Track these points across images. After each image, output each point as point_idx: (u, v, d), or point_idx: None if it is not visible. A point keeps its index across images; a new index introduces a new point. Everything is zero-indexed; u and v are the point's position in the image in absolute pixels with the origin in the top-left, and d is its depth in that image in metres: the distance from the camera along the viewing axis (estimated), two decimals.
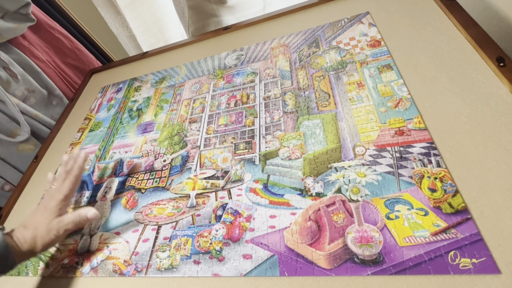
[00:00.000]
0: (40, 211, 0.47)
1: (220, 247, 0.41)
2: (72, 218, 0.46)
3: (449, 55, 0.47)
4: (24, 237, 0.43)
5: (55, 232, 0.44)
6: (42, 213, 0.46)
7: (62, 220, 0.45)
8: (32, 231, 0.44)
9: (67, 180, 0.50)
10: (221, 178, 0.49)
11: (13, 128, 0.75)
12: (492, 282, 0.29)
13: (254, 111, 0.56)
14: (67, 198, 0.48)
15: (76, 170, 0.51)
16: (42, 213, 0.46)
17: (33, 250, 0.43)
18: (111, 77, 0.87)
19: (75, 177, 0.51)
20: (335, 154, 0.45)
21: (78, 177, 0.51)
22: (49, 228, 0.44)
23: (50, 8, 0.91)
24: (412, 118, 0.43)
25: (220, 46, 0.74)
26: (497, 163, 0.36)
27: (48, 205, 0.47)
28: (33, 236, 0.43)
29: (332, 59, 0.57)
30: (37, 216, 0.46)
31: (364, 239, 0.36)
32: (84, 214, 0.46)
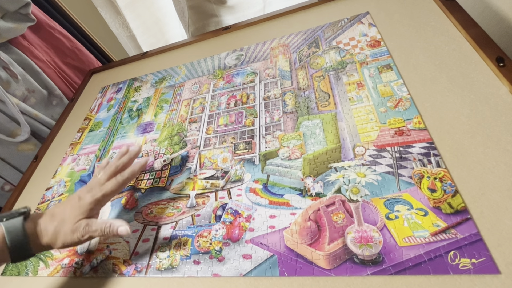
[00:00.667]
0: (72, 203, 0.42)
1: (220, 247, 0.41)
2: (101, 227, 0.41)
3: (449, 55, 0.47)
4: (46, 229, 0.40)
5: (79, 235, 0.40)
6: (73, 206, 0.41)
7: (90, 225, 0.41)
8: (57, 225, 0.40)
9: (115, 180, 0.44)
10: (221, 178, 0.49)
11: (13, 128, 0.75)
12: (491, 282, 0.29)
13: (254, 111, 0.56)
14: (105, 197, 0.43)
15: (127, 175, 0.45)
16: (73, 206, 0.42)
17: (51, 245, 0.40)
18: (111, 77, 0.87)
19: (123, 181, 0.45)
20: (335, 154, 0.45)
21: (126, 182, 0.45)
22: (75, 228, 0.40)
23: (50, 8, 0.91)
24: (412, 118, 0.43)
25: (220, 46, 0.74)
26: (497, 163, 0.36)
27: (84, 199, 0.42)
28: (56, 231, 0.40)
29: (332, 59, 0.57)
30: (67, 208, 0.42)
31: (363, 239, 0.36)
32: (115, 228, 0.40)
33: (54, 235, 0.40)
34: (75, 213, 0.41)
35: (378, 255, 0.34)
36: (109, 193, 0.43)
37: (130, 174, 0.46)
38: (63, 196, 0.60)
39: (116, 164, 0.47)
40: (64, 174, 0.65)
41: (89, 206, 0.41)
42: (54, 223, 0.40)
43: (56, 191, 0.62)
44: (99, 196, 0.42)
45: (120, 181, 0.44)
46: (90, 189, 0.43)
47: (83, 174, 0.62)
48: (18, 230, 0.38)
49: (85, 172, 0.62)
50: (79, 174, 0.63)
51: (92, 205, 0.42)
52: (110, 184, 0.44)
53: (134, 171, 0.46)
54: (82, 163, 0.65)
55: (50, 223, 0.40)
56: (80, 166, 0.64)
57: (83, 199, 0.42)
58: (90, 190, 0.43)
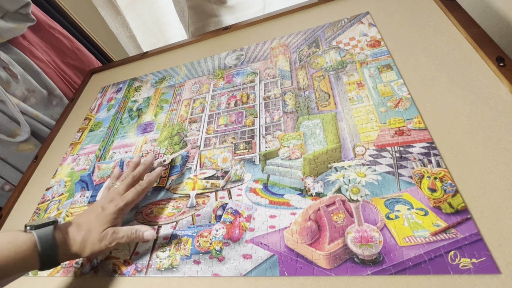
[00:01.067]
0: (96, 213, 0.43)
1: (220, 247, 0.41)
2: (127, 233, 0.43)
3: (449, 55, 0.47)
4: (74, 238, 0.41)
5: (107, 243, 0.41)
6: (97, 216, 0.43)
7: (117, 232, 0.42)
8: (84, 234, 0.41)
9: (134, 190, 0.46)
10: (221, 178, 0.49)
11: (13, 128, 0.75)
12: (492, 282, 0.29)
13: (254, 111, 0.56)
14: (127, 207, 0.45)
15: (145, 184, 0.47)
16: (98, 216, 0.43)
17: (79, 254, 0.41)
18: (111, 77, 0.87)
19: (142, 190, 0.47)
20: (335, 154, 0.45)
21: (145, 191, 0.47)
22: (102, 237, 0.41)
23: (50, 8, 0.91)
24: (412, 118, 0.43)
25: (220, 46, 0.74)
26: (497, 163, 0.36)
27: (107, 209, 0.43)
28: (84, 240, 0.41)
29: (332, 59, 0.57)
30: (92, 218, 0.43)
31: (364, 239, 0.36)
32: (141, 233, 0.43)
33: (82, 244, 0.41)
34: (100, 222, 0.42)
35: (378, 255, 0.34)
36: (130, 202, 0.45)
37: (148, 183, 0.48)
38: (63, 196, 0.60)
39: (133, 174, 0.48)
40: (64, 174, 0.65)
41: (113, 215, 0.43)
42: (81, 232, 0.41)
43: (56, 191, 0.62)
44: (121, 205, 0.44)
45: (140, 190, 0.46)
46: (111, 199, 0.45)
47: (83, 174, 0.62)
48: (49, 238, 0.39)
49: (85, 172, 0.62)
50: (79, 174, 0.63)
51: (116, 215, 0.43)
52: (131, 194, 0.46)
53: (151, 180, 0.49)
54: (82, 163, 0.65)
55: (78, 233, 0.41)
56: (80, 166, 0.64)
57: (106, 209, 0.43)
58: (112, 200, 0.45)
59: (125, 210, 0.45)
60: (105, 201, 0.45)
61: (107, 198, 0.45)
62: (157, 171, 0.50)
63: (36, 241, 0.38)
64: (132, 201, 0.46)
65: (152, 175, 0.49)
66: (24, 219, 0.60)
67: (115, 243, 0.42)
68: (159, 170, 0.51)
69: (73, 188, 0.61)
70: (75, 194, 0.59)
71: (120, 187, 0.47)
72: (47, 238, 0.39)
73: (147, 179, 0.48)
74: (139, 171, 0.49)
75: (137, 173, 0.49)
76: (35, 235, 0.39)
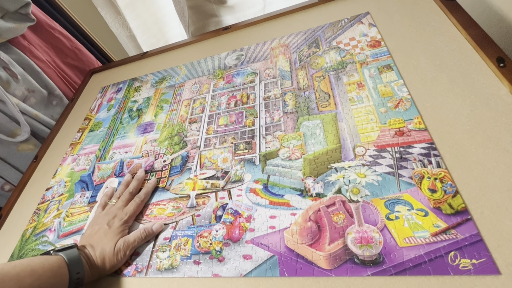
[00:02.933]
0: (103, 231, 0.45)
1: (220, 247, 0.41)
2: (137, 235, 0.45)
3: (449, 55, 0.47)
4: (95, 258, 0.43)
5: (122, 254, 0.43)
6: (105, 233, 0.45)
7: (127, 240, 0.44)
8: (100, 253, 0.43)
9: (134, 202, 0.49)
10: (221, 178, 0.49)
11: (13, 128, 0.75)
12: (492, 283, 0.29)
13: (254, 111, 0.56)
14: (131, 218, 0.48)
15: (143, 196, 0.50)
16: (106, 233, 0.45)
17: (102, 272, 0.43)
18: (111, 77, 0.87)
19: (141, 202, 0.50)
20: (335, 154, 0.45)
21: (144, 202, 0.51)
22: (116, 250, 0.43)
23: (50, 8, 0.91)
24: (412, 119, 0.43)
25: (220, 46, 0.74)
26: (497, 164, 0.36)
27: (113, 225, 0.46)
28: (102, 258, 0.43)
29: (332, 59, 0.57)
30: (101, 237, 0.45)
31: (364, 239, 0.36)
32: (149, 228, 0.46)
33: (101, 263, 0.43)
34: (110, 237, 0.44)
35: (379, 255, 0.34)
36: (133, 214, 0.48)
37: (145, 194, 0.51)
38: (63, 196, 0.60)
39: (128, 190, 0.51)
40: (64, 174, 0.65)
41: (120, 228, 0.46)
42: (97, 252, 0.43)
43: (56, 191, 0.62)
44: (126, 218, 0.47)
45: (139, 202, 0.50)
46: (114, 215, 0.47)
47: (83, 174, 0.62)
48: (77, 258, 0.41)
49: (85, 172, 0.62)
50: (79, 174, 0.63)
51: (122, 227, 0.46)
52: (132, 206, 0.49)
53: (148, 191, 0.52)
54: (82, 163, 0.65)
55: (94, 253, 0.43)
56: (80, 166, 0.64)
57: (112, 225, 0.46)
58: (115, 216, 0.47)
59: (129, 222, 0.48)
60: (109, 218, 0.47)
61: (109, 215, 0.47)
62: (152, 182, 0.53)
63: (66, 261, 0.40)
64: (134, 213, 0.49)
65: (148, 186, 0.52)
66: (24, 219, 0.60)
67: (129, 250, 0.44)
68: (154, 180, 0.53)
69: (73, 188, 0.60)
70: (75, 194, 0.59)
71: (119, 203, 0.49)
72: (75, 259, 0.41)
73: (144, 191, 0.51)
74: (134, 187, 0.52)
75: (132, 189, 0.52)
76: (63, 256, 0.41)
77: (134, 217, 0.49)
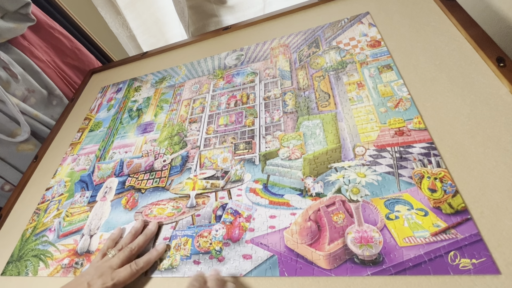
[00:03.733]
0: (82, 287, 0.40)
1: (220, 247, 0.41)
2: None
3: (449, 55, 0.47)
4: None
5: None
6: None
7: None
8: None
9: (129, 269, 0.41)
10: (221, 178, 0.49)
11: (13, 128, 0.75)
12: (491, 282, 0.29)
13: (254, 111, 0.56)
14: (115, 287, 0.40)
15: (142, 264, 0.42)
16: None
17: None
18: (111, 77, 0.87)
19: (137, 271, 0.41)
20: (335, 154, 0.45)
21: (140, 272, 0.42)
22: None
23: (50, 8, 0.91)
24: (412, 118, 0.43)
25: (220, 46, 0.74)
26: (497, 164, 0.36)
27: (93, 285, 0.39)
28: None
29: (332, 59, 0.57)
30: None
31: (364, 239, 0.36)
32: None
33: None
34: None
35: (378, 255, 0.34)
36: (121, 282, 0.40)
37: (145, 263, 0.42)
38: (63, 196, 0.60)
39: (131, 247, 0.43)
40: (64, 174, 0.65)
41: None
42: None
43: (56, 191, 0.62)
44: (109, 285, 0.40)
45: (134, 271, 0.41)
46: (101, 274, 0.41)
47: (83, 174, 0.62)
48: None
49: (85, 172, 0.62)
50: (79, 174, 0.63)
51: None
52: (124, 273, 0.41)
53: (150, 260, 0.43)
54: (82, 163, 0.65)
55: None
56: (80, 166, 0.64)
57: (92, 286, 0.40)
58: (101, 276, 0.40)
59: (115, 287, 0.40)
60: (94, 275, 0.41)
61: (97, 271, 0.41)
62: (159, 249, 0.44)
63: None
64: (124, 282, 0.41)
65: (153, 254, 0.43)
66: (24, 219, 0.60)
67: None
68: (162, 247, 0.44)
69: (73, 188, 0.60)
70: (75, 194, 0.59)
71: (114, 260, 0.42)
72: None
73: (145, 259, 0.43)
74: (139, 244, 0.44)
75: (135, 247, 0.44)
76: None
77: (122, 285, 0.41)
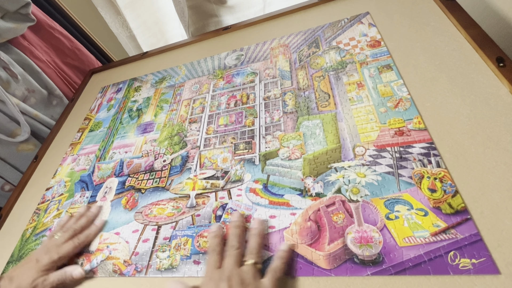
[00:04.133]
0: (30, 265, 0.46)
1: None
2: (58, 277, 0.45)
3: (449, 55, 0.47)
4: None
5: None
6: (30, 269, 0.45)
7: (47, 279, 0.44)
8: (16, 285, 0.44)
9: (72, 243, 0.48)
10: (221, 178, 0.49)
11: (13, 128, 0.75)
12: (491, 282, 0.29)
13: (254, 111, 0.56)
14: (61, 259, 0.46)
15: (83, 238, 0.49)
16: (30, 268, 0.45)
17: None
18: (111, 77, 0.87)
19: (79, 244, 0.48)
20: (335, 154, 0.45)
21: (82, 245, 0.49)
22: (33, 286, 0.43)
23: (50, 8, 0.91)
24: (412, 119, 0.43)
25: (220, 46, 0.74)
26: (497, 164, 0.36)
27: (41, 261, 0.45)
28: None
29: (332, 59, 0.57)
30: (25, 271, 0.45)
31: (363, 239, 0.36)
32: (69, 273, 0.46)
33: None
34: (31, 274, 0.44)
35: (378, 255, 0.34)
36: (65, 255, 0.47)
37: (85, 237, 0.49)
38: (63, 196, 0.60)
39: (74, 228, 0.50)
40: (64, 174, 0.65)
41: (46, 267, 0.45)
42: (12, 284, 0.44)
43: (56, 191, 0.62)
44: (55, 258, 0.46)
45: (77, 244, 0.48)
46: (47, 250, 0.47)
47: (83, 174, 0.62)
48: None
49: (85, 172, 0.62)
50: (79, 174, 0.63)
51: (49, 266, 0.45)
52: (67, 247, 0.47)
53: (89, 235, 0.50)
54: (82, 163, 0.65)
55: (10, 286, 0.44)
56: (80, 166, 0.64)
57: (40, 261, 0.45)
58: (48, 252, 0.47)
59: (59, 261, 0.46)
60: (41, 252, 0.47)
61: (44, 249, 0.47)
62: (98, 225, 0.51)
63: None
64: (67, 255, 0.47)
65: (92, 229, 0.50)
66: (24, 219, 0.60)
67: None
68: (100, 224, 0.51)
69: (73, 188, 0.61)
70: (75, 194, 0.59)
71: (60, 239, 0.48)
72: None
73: (86, 233, 0.50)
74: (81, 225, 0.51)
75: (78, 227, 0.50)
76: None
77: (67, 258, 0.47)
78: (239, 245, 0.38)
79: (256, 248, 0.38)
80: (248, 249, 0.38)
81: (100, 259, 0.47)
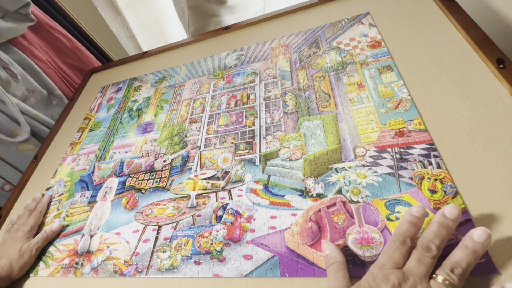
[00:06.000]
0: (8, 243, 0.52)
1: (221, 247, 0.42)
2: (40, 237, 0.52)
3: (449, 56, 0.47)
4: (0, 267, 0.48)
5: (28, 253, 0.50)
6: (11, 244, 0.51)
7: (31, 242, 0.51)
8: (6, 260, 0.49)
9: (33, 215, 0.56)
10: (222, 178, 0.49)
11: (13, 128, 0.75)
12: (491, 283, 0.29)
13: (255, 112, 0.56)
14: (32, 230, 0.54)
15: (40, 207, 0.57)
16: (11, 244, 0.51)
17: (10, 276, 0.48)
18: (111, 76, 0.87)
19: (39, 213, 0.57)
20: (336, 155, 0.45)
21: (42, 213, 0.57)
22: (22, 252, 0.49)
23: (50, 8, 0.91)
24: (412, 120, 0.43)
25: (220, 46, 0.74)
26: (497, 165, 0.36)
27: (16, 236, 0.52)
28: (9, 263, 0.48)
29: (333, 59, 0.57)
30: (6, 247, 0.51)
31: (364, 240, 0.36)
32: (49, 229, 0.53)
33: (9, 267, 0.48)
34: (15, 245, 0.51)
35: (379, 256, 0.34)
36: (34, 224, 0.55)
37: (41, 207, 0.58)
38: (63, 196, 0.60)
39: (28, 209, 0.58)
40: (64, 174, 0.65)
41: (24, 236, 0.52)
42: (3, 259, 0.49)
43: (56, 191, 0.62)
44: (27, 228, 0.54)
45: (37, 214, 0.57)
46: (16, 230, 0.54)
47: (83, 174, 0.62)
48: None
49: (85, 172, 0.62)
50: (79, 174, 0.63)
51: (26, 235, 0.53)
52: (32, 218, 0.56)
53: (43, 204, 0.59)
54: (82, 163, 0.65)
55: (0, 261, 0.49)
56: (80, 166, 0.64)
57: (16, 236, 0.53)
58: (18, 230, 0.54)
59: (32, 231, 0.54)
60: (12, 233, 0.54)
61: (12, 232, 0.54)
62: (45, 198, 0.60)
63: None
64: (36, 223, 0.55)
65: (43, 200, 0.59)
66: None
67: (34, 250, 0.50)
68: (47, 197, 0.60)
69: (73, 188, 0.61)
70: (75, 194, 0.59)
71: (19, 221, 0.56)
72: None
73: (40, 204, 0.58)
74: (32, 206, 0.58)
75: (30, 207, 0.58)
76: None
77: (37, 226, 0.55)
78: (437, 252, 0.29)
79: (463, 267, 0.28)
80: (449, 263, 0.29)
81: (100, 259, 0.47)
